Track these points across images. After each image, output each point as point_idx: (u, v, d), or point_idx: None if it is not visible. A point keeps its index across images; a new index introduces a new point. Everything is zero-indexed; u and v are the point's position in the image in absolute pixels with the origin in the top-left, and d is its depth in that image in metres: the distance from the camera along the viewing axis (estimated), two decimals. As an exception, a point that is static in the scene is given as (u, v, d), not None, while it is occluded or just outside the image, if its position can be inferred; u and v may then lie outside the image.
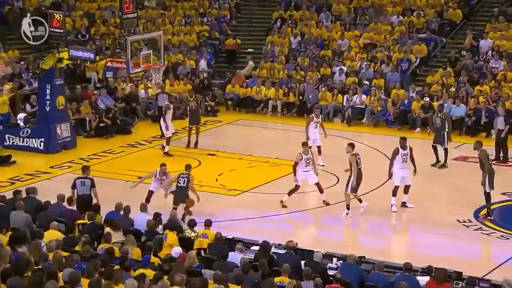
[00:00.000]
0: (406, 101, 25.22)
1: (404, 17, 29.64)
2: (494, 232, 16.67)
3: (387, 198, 18.04)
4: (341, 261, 13.30)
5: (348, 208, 17.39)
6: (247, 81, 27.92)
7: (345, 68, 27.69)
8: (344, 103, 25.92)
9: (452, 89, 25.43)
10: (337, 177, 19.39)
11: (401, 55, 27.73)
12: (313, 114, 21.41)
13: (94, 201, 16.19)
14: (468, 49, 27.53)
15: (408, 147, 17.98)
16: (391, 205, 17.82)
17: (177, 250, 13.03)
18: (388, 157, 18.64)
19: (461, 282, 12.53)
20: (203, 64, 29.09)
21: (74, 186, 16.41)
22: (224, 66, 30.36)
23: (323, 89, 26.44)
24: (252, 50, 30.66)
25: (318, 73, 27.74)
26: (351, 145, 17.62)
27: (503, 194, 18.46)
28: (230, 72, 29.12)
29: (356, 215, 17.55)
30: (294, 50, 29.67)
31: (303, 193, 18.61)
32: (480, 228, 16.88)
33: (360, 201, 17.53)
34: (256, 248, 13.72)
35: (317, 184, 18.12)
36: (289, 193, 17.91)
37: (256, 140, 21.87)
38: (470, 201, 17.88)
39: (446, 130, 20.79)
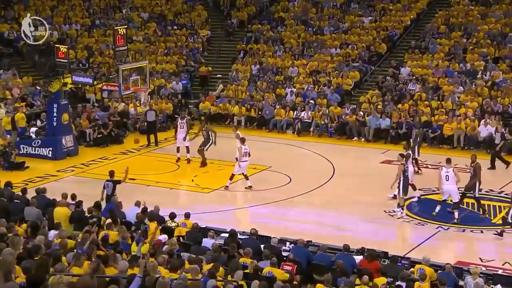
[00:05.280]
0: (343, 116, 25.43)
1: (341, 49, 29.87)
2: (412, 220, 16.78)
3: (330, 193, 18.15)
4: (292, 245, 13.34)
5: (402, 208, 16.78)
6: (217, 100, 27.88)
7: (295, 90, 27.80)
8: (295, 118, 26.06)
9: (379, 106, 25.70)
10: (289, 177, 19.45)
11: (339, 80, 27.94)
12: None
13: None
14: (391, 75, 27.86)
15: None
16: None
17: (160, 237, 12.91)
18: (329, 160, 18.78)
19: (387, 260, 12.66)
20: (177, 87, 28.94)
21: (104, 187, 16.11)
22: (198, 88, 30.27)
23: (277, 106, 26.54)
24: (220, 75, 30.60)
25: (273, 93, 27.82)
26: (402, 155, 17.06)
27: (419, 189, 18.56)
28: (202, 93, 29.07)
29: (305, 208, 17.60)
30: (254, 76, 29.69)
31: (263, 190, 18.65)
32: (402, 217, 16.95)
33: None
34: (225, 235, 13.70)
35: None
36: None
37: (224, 148, 21.81)
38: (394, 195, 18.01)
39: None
